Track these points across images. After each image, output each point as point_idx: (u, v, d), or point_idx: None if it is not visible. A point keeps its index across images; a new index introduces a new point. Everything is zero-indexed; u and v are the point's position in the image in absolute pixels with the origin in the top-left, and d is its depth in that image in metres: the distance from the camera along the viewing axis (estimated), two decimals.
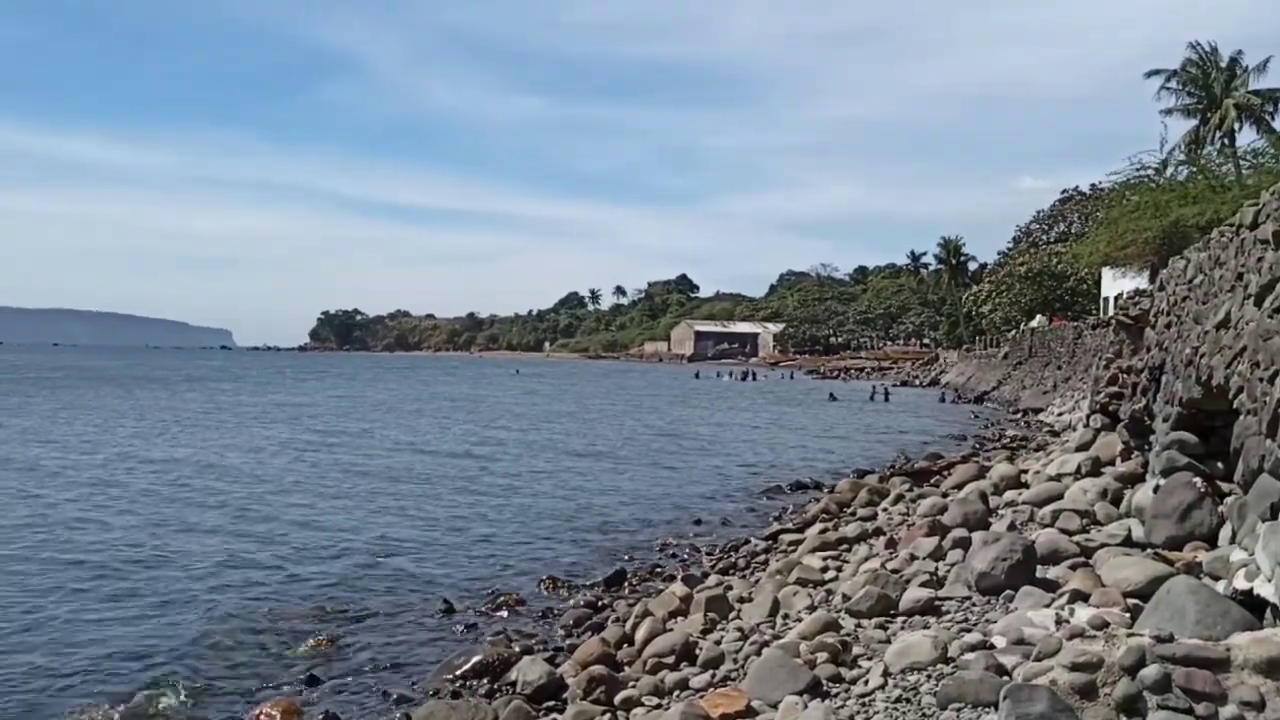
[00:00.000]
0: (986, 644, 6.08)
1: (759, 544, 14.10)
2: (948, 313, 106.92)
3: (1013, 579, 7.38)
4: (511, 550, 14.95)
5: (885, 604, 7.72)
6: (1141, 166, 42.86)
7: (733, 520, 17.38)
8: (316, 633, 10.53)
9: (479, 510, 18.47)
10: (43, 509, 17.43)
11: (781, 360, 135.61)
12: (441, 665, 9.42)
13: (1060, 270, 66.81)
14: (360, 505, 18.92)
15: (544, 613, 11.40)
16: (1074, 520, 9.12)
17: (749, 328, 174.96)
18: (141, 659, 9.70)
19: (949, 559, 8.87)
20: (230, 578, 12.94)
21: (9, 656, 9.61)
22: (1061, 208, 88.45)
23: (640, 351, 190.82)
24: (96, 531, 15.70)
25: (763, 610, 8.89)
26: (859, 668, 6.54)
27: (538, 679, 8.07)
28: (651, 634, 8.81)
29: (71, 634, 10.43)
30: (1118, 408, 11.83)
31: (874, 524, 12.98)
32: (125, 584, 12.53)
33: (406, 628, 10.89)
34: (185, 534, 15.67)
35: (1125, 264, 44.80)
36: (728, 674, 7.42)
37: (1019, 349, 57.93)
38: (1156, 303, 10.87)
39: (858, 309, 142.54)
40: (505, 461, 26.74)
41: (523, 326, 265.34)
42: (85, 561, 13.54)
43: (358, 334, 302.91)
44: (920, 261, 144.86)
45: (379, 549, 14.73)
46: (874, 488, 16.39)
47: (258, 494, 20.04)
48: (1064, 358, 45.17)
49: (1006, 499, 11.54)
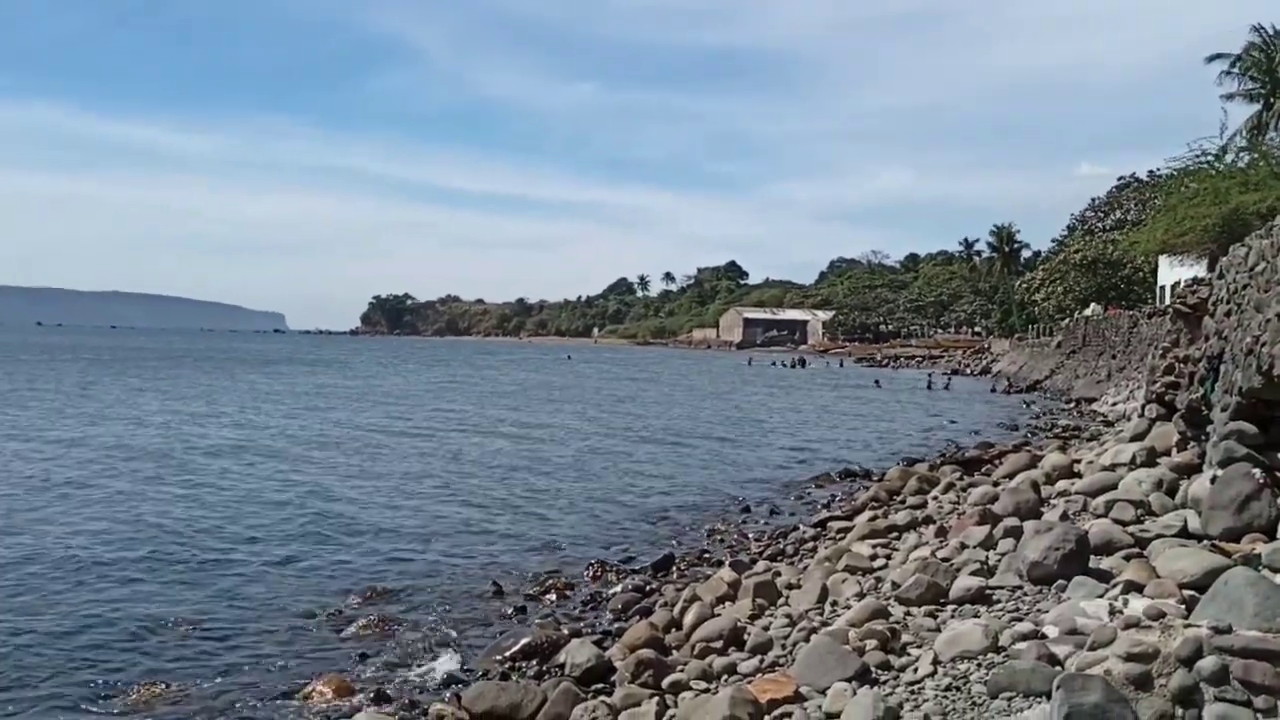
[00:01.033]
0: (1038, 634, 6.02)
1: (807, 531, 14.07)
2: (1000, 301, 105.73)
3: (1065, 569, 7.29)
4: (560, 534, 15.04)
5: (935, 592, 7.67)
6: (1201, 153, 41.98)
7: (781, 507, 17.35)
8: (367, 612, 10.67)
9: (530, 493, 18.62)
10: (126, 482, 17.79)
11: (831, 348, 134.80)
12: (491, 647, 9.52)
13: (1116, 258, 65.78)
14: (416, 486, 19.16)
15: (592, 596, 11.46)
16: (1128, 511, 8.98)
17: (798, 315, 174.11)
18: (196, 634, 9.89)
19: (1000, 548, 8.78)
20: (285, 554, 13.18)
21: (62, 632, 9.83)
22: (1118, 195, 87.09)
23: (689, 338, 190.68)
24: (159, 505, 16.09)
25: (811, 597, 8.86)
26: (908, 655, 6.51)
27: (586, 661, 8.12)
28: (699, 619, 8.82)
29: (120, 607, 10.65)
30: (1174, 397, 11.63)
31: (924, 512, 12.88)
32: (183, 558, 12.79)
33: (456, 609, 10.99)
34: (249, 510, 15.95)
35: (1183, 252, 43.94)
36: (776, 660, 7.42)
37: (1072, 338, 57.11)
38: (1216, 291, 10.67)
39: (908, 297, 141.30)
40: (556, 445, 26.93)
41: (571, 312, 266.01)
42: (135, 537, 13.82)
43: (408, 318, 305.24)
44: (973, 249, 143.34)
45: (430, 530, 14.90)
46: (924, 476, 16.26)
47: (325, 473, 20.49)
48: (1119, 347, 44.51)
49: (1059, 488, 11.38)
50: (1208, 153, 41.83)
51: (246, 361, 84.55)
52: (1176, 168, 45.78)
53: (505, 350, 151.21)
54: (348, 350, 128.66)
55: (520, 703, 7.47)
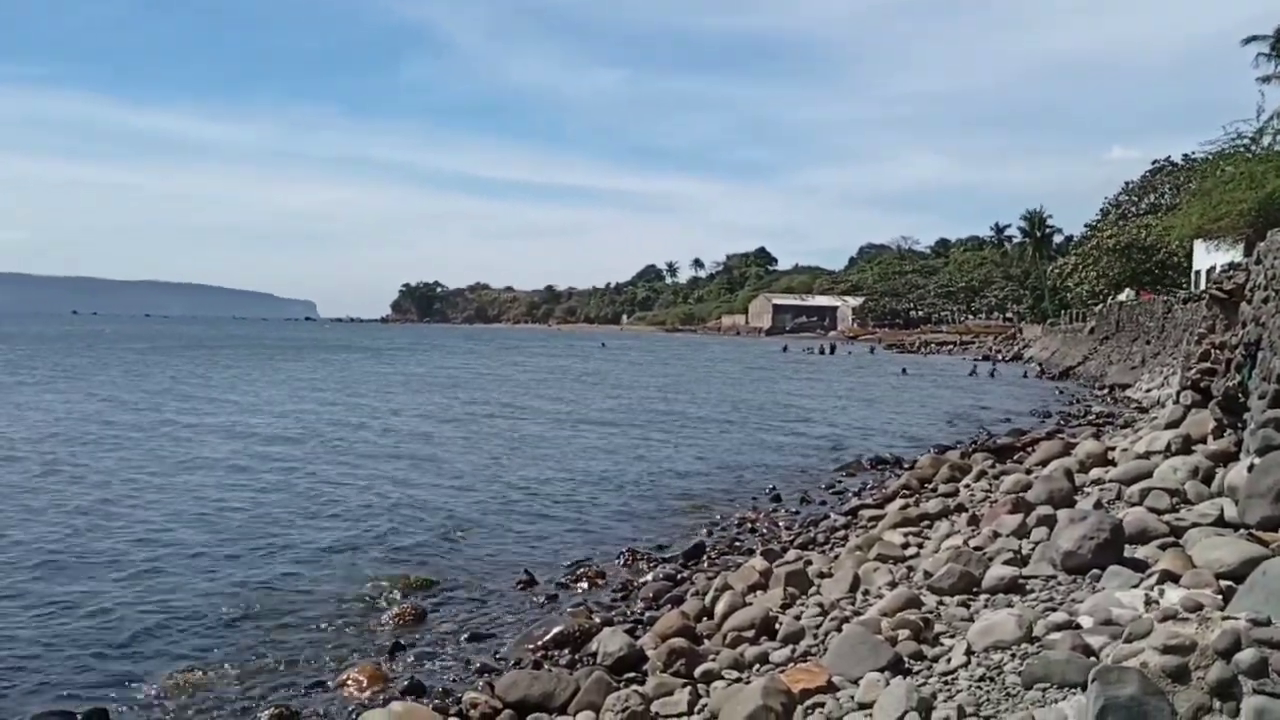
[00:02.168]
0: (1073, 624, 5.98)
1: (838, 519, 14.03)
2: (1032, 286, 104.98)
3: (1100, 558, 7.23)
4: (591, 522, 15.09)
5: (968, 581, 7.64)
6: (1237, 136, 41.51)
7: (812, 495, 17.30)
8: (400, 601, 10.73)
9: (562, 480, 18.68)
10: (173, 466, 17.99)
11: (861, 334, 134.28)
12: (523, 636, 9.57)
13: (1150, 243, 65.13)
14: (449, 473, 19.31)
15: (623, 585, 11.48)
16: (1163, 499, 8.91)
17: (827, 301, 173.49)
18: (231, 622, 9.98)
19: (1033, 537, 8.73)
20: (319, 543, 13.27)
21: (99, 618, 9.96)
22: (1152, 179, 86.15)
23: (718, 324, 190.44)
24: (205, 490, 16.33)
25: (843, 586, 8.85)
26: (941, 645, 6.49)
27: (618, 650, 8.13)
28: (731, 608, 8.82)
29: (156, 593, 10.79)
30: (1210, 384, 11.51)
31: (956, 500, 12.83)
32: (220, 546, 12.93)
33: (488, 598, 11.05)
34: (284, 501, 16.06)
35: (1218, 237, 43.49)
36: (808, 649, 7.42)
37: (1106, 323, 56.65)
38: (1253, 276, 10.54)
39: (939, 282, 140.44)
40: (588, 431, 27.08)
41: (600, 299, 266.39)
42: (181, 521, 13.97)
43: (438, 306, 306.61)
44: (1004, 234, 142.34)
45: (462, 519, 14.96)
46: (955, 464, 16.19)
47: (361, 460, 20.76)
48: (1153, 333, 44.11)
49: (1093, 476, 11.31)
50: (1244, 136, 41.40)
51: (296, 349, 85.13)
52: (1212, 151, 45.33)
53: (537, 338, 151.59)
54: (385, 338, 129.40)
55: (553, 691, 7.51)
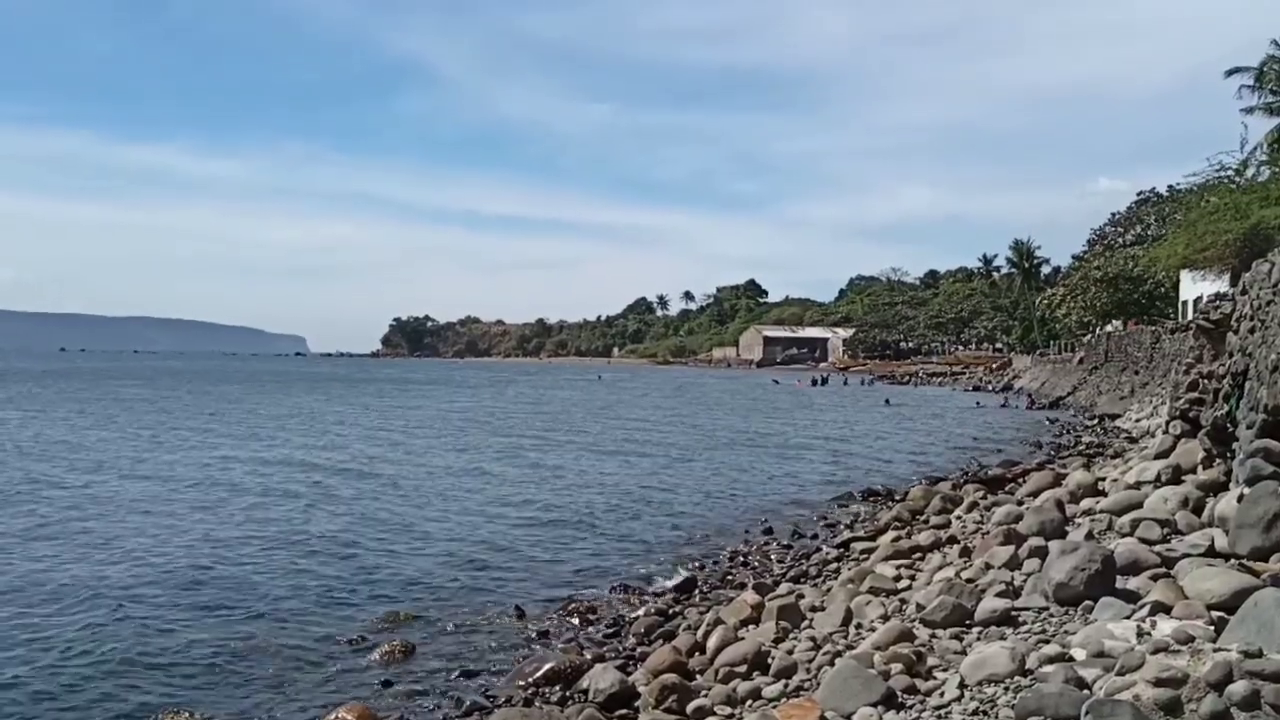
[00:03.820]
0: (1065, 656, 5.96)
1: (830, 552, 14.00)
2: (1021, 316, 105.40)
3: (1092, 589, 7.22)
4: (582, 556, 15.02)
5: (960, 614, 7.62)
6: (1221, 167, 41.87)
7: (804, 528, 17.26)
8: (390, 638, 10.66)
9: (551, 515, 18.57)
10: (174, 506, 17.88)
11: (851, 365, 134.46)
12: (514, 672, 9.49)
13: (1137, 274, 65.44)
14: (440, 508, 19.22)
15: (615, 620, 11.41)
16: (1154, 529, 8.92)
17: (818, 333, 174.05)
18: (219, 660, 9.88)
19: (1025, 568, 8.72)
20: (306, 579, 13.17)
21: (85, 658, 9.86)
22: (1138, 210, 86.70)
23: (709, 357, 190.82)
24: (191, 523, 16.13)
25: (835, 619, 8.83)
26: (934, 679, 6.46)
27: (610, 687, 8.09)
28: (723, 642, 8.79)
29: (143, 633, 10.66)
30: (1198, 414, 11.55)
31: (947, 532, 12.83)
32: (206, 580, 12.82)
33: (479, 634, 10.98)
34: (273, 536, 15.94)
35: (1205, 267, 43.70)
36: (801, 684, 7.38)
37: (1095, 354, 56.89)
38: (1239, 307, 10.60)
39: (928, 313, 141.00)
40: (578, 465, 27.00)
41: (591, 332, 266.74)
42: (167, 558, 13.85)
43: (429, 340, 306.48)
44: (992, 265, 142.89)
45: (452, 553, 14.88)
46: (947, 495, 16.20)
47: (352, 495, 20.68)
48: (1141, 363, 44.29)
49: (1084, 507, 11.32)
50: (1228, 167, 41.75)
51: (288, 382, 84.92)
52: (1197, 183, 45.69)
53: (531, 370, 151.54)
54: (386, 373, 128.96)
55: None
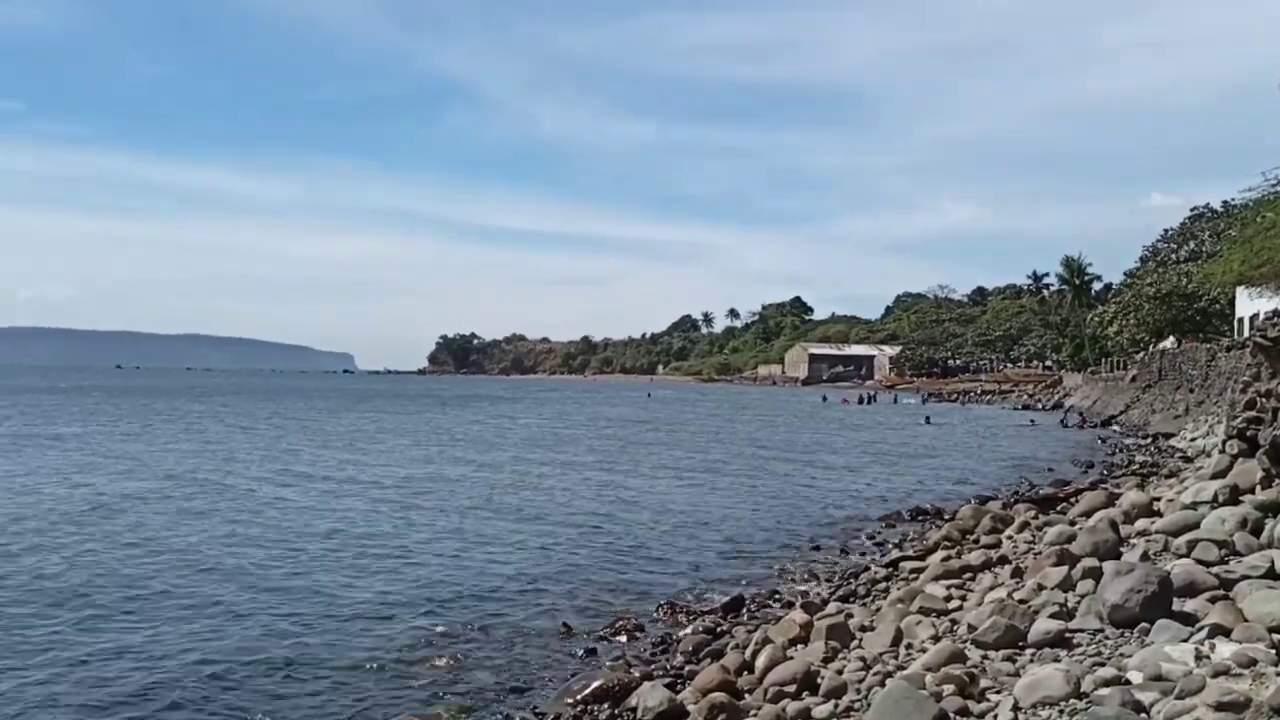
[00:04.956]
0: (1122, 679, 5.89)
1: (879, 571, 13.87)
2: (1071, 334, 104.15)
3: (1148, 611, 7.13)
4: (630, 572, 15.01)
5: (1013, 635, 7.54)
6: (1277, 182, 41.17)
7: (852, 547, 17.14)
8: (438, 652, 10.71)
9: (601, 530, 18.68)
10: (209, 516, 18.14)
11: (898, 383, 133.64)
12: (562, 689, 9.50)
13: (1191, 290, 64.49)
14: (490, 523, 19.36)
15: (663, 638, 11.38)
16: (1211, 551, 8.78)
17: (864, 350, 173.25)
18: (271, 673, 9.98)
19: (1079, 589, 8.61)
20: (361, 594, 13.29)
21: (135, 670, 9.99)
22: (1191, 225, 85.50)
23: (754, 374, 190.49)
24: (249, 539, 16.36)
25: (885, 639, 8.76)
26: (987, 701, 6.40)
27: (658, 705, 8.07)
28: (772, 662, 8.74)
29: (196, 645, 10.79)
30: (1256, 433, 11.36)
31: (998, 552, 12.69)
32: (260, 595, 12.99)
33: (527, 650, 10.99)
34: (329, 550, 16.13)
35: (1261, 283, 42.96)
36: (850, 704, 7.33)
37: (1148, 372, 56.06)
38: None
39: (977, 330, 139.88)
40: (629, 480, 27.19)
41: (636, 350, 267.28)
42: (217, 568, 14.04)
43: (474, 358, 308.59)
44: (1042, 282, 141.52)
45: (502, 567, 14.96)
46: (997, 515, 16.03)
47: (407, 511, 20.88)
48: (1196, 381, 43.56)
49: (1138, 527, 11.17)
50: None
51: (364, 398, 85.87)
52: (1252, 198, 44.89)
53: (578, 388, 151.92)
54: (439, 390, 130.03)
55: None
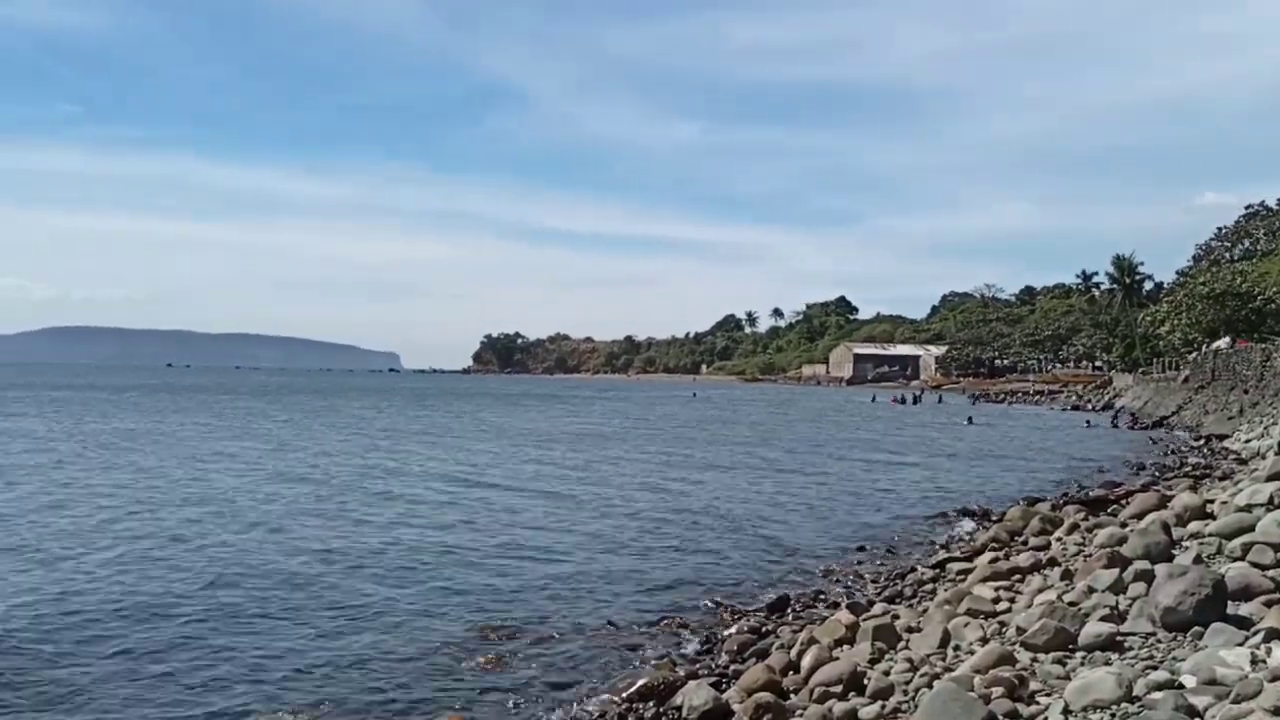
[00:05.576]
0: (1175, 683, 5.81)
1: (925, 572, 13.78)
2: (1122, 334, 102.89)
3: (1201, 615, 7.02)
4: (674, 571, 15.00)
5: (1063, 638, 7.45)
6: None
7: (897, 547, 17.04)
8: (485, 649, 10.77)
9: (648, 528, 18.74)
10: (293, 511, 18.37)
11: (944, 383, 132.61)
12: (607, 688, 9.51)
13: (1245, 289, 63.51)
14: (538, 522, 19.46)
15: (708, 637, 11.37)
16: (1267, 554, 8.62)
17: (909, 350, 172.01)
18: (320, 667, 10.08)
19: (1130, 592, 8.50)
20: (406, 588, 13.44)
21: (185, 665, 10.12)
22: (1246, 224, 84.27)
23: (798, 374, 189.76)
24: (299, 535, 16.62)
25: (932, 641, 8.69)
26: (1036, 704, 6.34)
27: (704, 704, 8.07)
28: (818, 662, 8.71)
29: (245, 638, 10.94)
30: None
31: (1047, 554, 12.55)
32: (311, 591, 13.15)
33: (571, 647, 11.02)
34: (378, 547, 16.26)
35: None
36: (897, 706, 7.28)
37: (1201, 372, 55.27)
38: None
39: (1024, 330, 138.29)
40: (674, 477, 27.36)
41: (679, 349, 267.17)
42: (268, 567, 14.20)
43: (518, 357, 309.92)
44: (1092, 281, 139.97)
45: (546, 566, 15.02)
46: (1046, 516, 15.86)
47: (454, 510, 20.95)
48: (1251, 381, 42.89)
49: (1191, 530, 10.99)
50: None
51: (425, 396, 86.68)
52: None
53: (623, 387, 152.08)
54: (488, 388, 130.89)
55: None
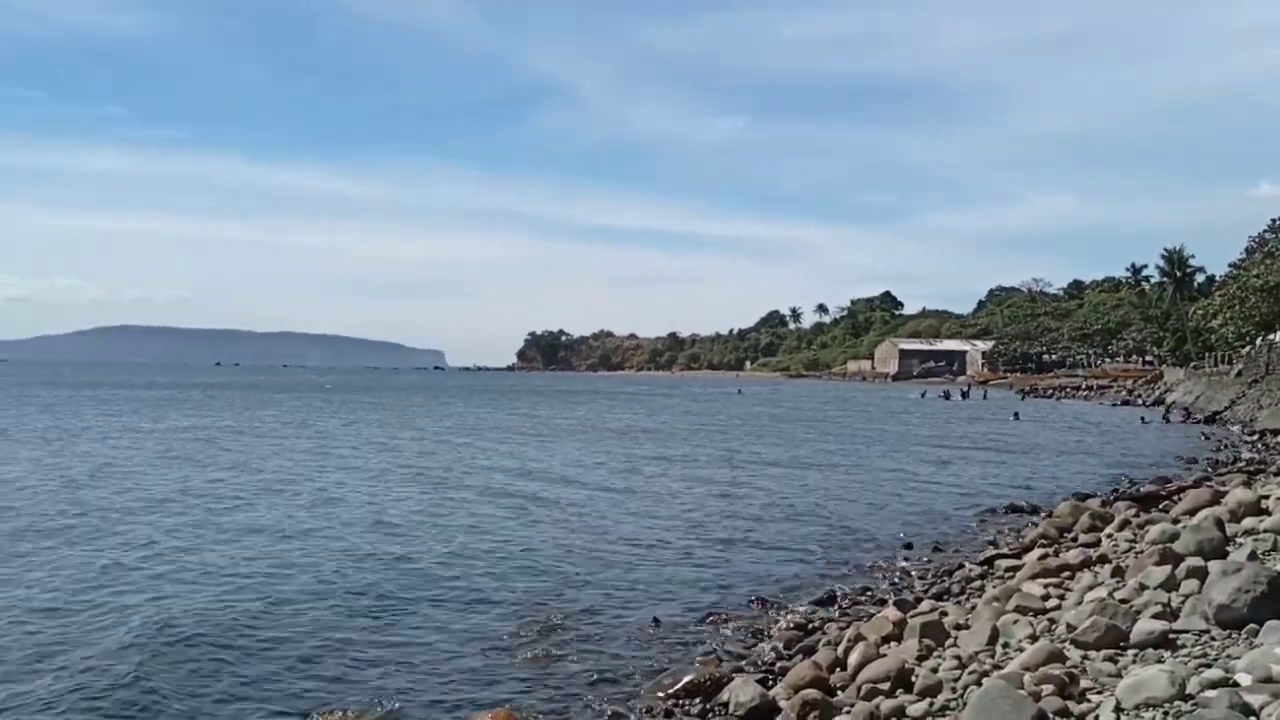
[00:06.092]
0: (1229, 681, 5.73)
1: (974, 569, 13.68)
2: (1173, 328, 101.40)
3: (1257, 612, 6.91)
4: (720, 567, 15.00)
5: (1114, 635, 7.37)
6: None
7: (945, 544, 16.90)
8: (531, 645, 10.82)
9: (694, 524, 18.76)
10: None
11: (991, 378, 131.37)
12: (653, 683, 9.52)
13: None
14: (587, 518, 19.57)
15: (754, 632, 11.36)
16: None
17: (955, 345, 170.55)
18: (360, 665, 10.14)
19: (1183, 589, 8.39)
20: (455, 581, 13.59)
21: (236, 656, 10.25)
22: None
23: (843, 370, 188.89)
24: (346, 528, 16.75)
25: (980, 638, 8.63)
26: (1088, 702, 6.27)
27: (750, 701, 8.06)
28: (865, 659, 8.66)
29: (295, 630, 11.07)
30: None
31: (1098, 551, 12.41)
32: (358, 584, 13.29)
33: (617, 643, 11.05)
34: (423, 543, 16.38)
35: None
36: (946, 703, 7.24)
37: (1254, 366, 54.33)
38: None
39: (1073, 325, 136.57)
40: (724, 474, 27.50)
41: (723, 346, 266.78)
42: (317, 562, 14.36)
43: (562, 354, 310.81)
44: (1141, 274, 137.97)
45: (591, 561, 15.07)
46: (1096, 512, 15.68)
47: (504, 505, 21.11)
48: None
49: (1245, 526, 10.83)
50: None
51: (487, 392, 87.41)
52: None
53: (667, 384, 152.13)
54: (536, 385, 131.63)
55: None
